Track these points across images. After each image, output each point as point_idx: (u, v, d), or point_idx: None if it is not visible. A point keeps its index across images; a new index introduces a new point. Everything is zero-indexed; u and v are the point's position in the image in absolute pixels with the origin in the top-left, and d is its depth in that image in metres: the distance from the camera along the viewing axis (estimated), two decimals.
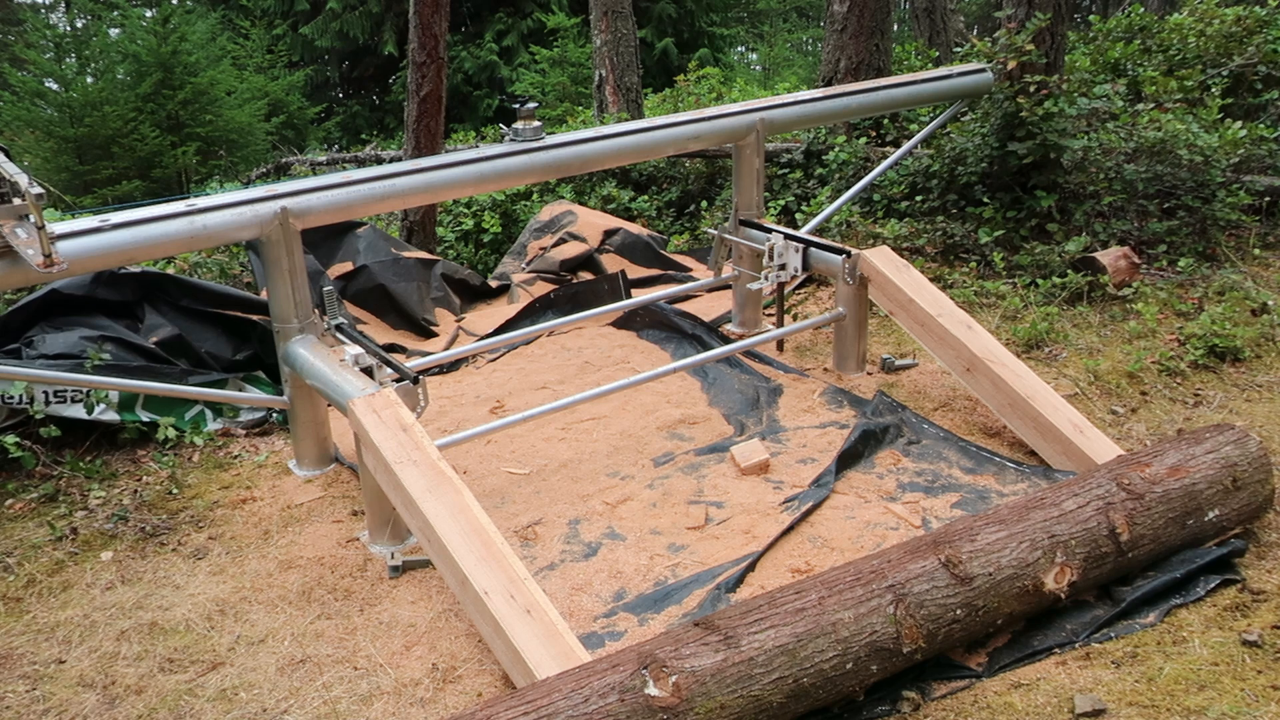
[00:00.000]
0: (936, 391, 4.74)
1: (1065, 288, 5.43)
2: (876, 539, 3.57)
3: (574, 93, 14.76)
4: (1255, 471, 3.43)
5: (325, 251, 6.34)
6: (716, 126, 5.04)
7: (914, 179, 6.61)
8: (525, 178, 4.67)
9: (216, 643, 3.31)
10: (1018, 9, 6.08)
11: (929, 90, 5.86)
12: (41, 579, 3.71)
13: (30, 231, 3.33)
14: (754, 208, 5.26)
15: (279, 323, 4.12)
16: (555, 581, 3.48)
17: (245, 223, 3.92)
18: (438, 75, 7.25)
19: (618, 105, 9.75)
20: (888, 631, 2.76)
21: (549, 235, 7.07)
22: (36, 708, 3.05)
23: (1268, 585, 3.19)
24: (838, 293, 4.87)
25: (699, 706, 2.47)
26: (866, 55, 7.51)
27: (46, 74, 12.94)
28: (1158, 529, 3.21)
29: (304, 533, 3.92)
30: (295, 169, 11.53)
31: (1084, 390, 4.59)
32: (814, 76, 11.59)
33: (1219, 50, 7.48)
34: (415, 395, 3.72)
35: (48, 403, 4.37)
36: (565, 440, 4.50)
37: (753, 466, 4.07)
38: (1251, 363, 4.77)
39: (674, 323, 5.50)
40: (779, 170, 7.38)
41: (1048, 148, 5.89)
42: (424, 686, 3.05)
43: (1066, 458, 3.90)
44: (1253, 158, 6.21)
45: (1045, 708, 2.75)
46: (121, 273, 4.91)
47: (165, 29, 12.96)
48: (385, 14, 17.75)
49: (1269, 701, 2.67)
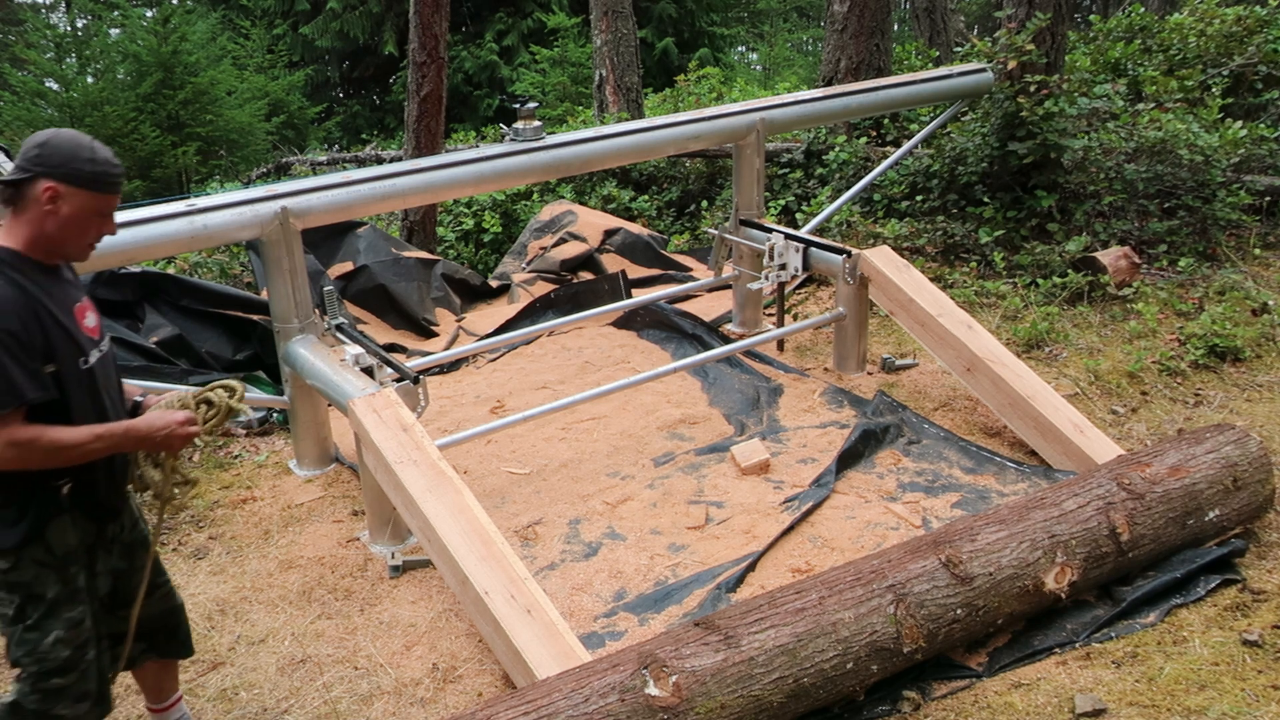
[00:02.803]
0: (937, 391, 4.73)
1: (1065, 288, 5.42)
2: (877, 539, 3.57)
3: (574, 93, 14.76)
4: (1255, 471, 3.43)
5: (325, 251, 6.34)
6: (717, 126, 5.04)
7: (914, 179, 6.61)
8: (525, 178, 4.67)
9: (217, 642, 3.31)
10: (1018, 9, 6.08)
11: (929, 90, 5.86)
12: None
13: None
14: (754, 207, 5.26)
15: (279, 323, 4.12)
16: (555, 581, 3.48)
17: (245, 223, 3.92)
18: (438, 75, 7.25)
19: (618, 105, 9.75)
20: (888, 631, 2.76)
21: (549, 235, 7.07)
22: None
23: (1268, 585, 3.19)
24: (838, 293, 4.87)
25: (699, 706, 2.47)
26: (867, 55, 7.51)
27: (47, 74, 12.95)
28: (1158, 529, 3.21)
29: (304, 532, 3.92)
30: (295, 169, 11.53)
31: (1084, 390, 4.59)
32: (814, 76, 11.58)
33: (1219, 50, 7.48)
34: (415, 395, 3.72)
35: None
36: (565, 440, 4.50)
37: (753, 466, 4.07)
38: (1252, 362, 4.77)
39: (674, 323, 5.50)
40: (779, 170, 7.38)
41: (1048, 147, 5.89)
42: (424, 686, 3.05)
43: (1067, 457, 3.89)
44: (1253, 157, 6.21)
45: (1045, 708, 2.75)
46: (121, 272, 4.91)
47: (165, 29, 12.96)
48: (385, 14, 17.74)
49: (1269, 701, 2.67)
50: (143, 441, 2.28)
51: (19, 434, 2.09)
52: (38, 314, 2.14)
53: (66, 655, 2.30)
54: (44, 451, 2.13)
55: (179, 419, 2.31)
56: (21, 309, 2.11)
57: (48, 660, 2.29)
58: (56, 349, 2.17)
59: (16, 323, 2.09)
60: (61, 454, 2.16)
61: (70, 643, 2.31)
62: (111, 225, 2.27)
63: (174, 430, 2.29)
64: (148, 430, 2.27)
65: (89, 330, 2.30)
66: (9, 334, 2.07)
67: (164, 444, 2.30)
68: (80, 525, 2.32)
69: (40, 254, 2.21)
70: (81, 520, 2.32)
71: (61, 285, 2.26)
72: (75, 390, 2.21)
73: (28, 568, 2.24)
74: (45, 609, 2.27)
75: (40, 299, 2.16)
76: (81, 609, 2.33)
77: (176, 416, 2.31)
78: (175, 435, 2.29)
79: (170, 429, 2.29)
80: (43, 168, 2.13)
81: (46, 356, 2.15)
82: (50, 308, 2.18)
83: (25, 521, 2.21)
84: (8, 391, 2.06)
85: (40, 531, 2.23)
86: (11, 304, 2.10)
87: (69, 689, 2.32)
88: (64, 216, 2.17)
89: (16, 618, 2.27)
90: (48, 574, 2.26)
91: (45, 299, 2.18)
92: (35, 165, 2.14)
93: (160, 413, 2.35)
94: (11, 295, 2.11)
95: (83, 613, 2.33)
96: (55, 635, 2.29)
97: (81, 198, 2.17)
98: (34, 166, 2.14)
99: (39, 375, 2.12)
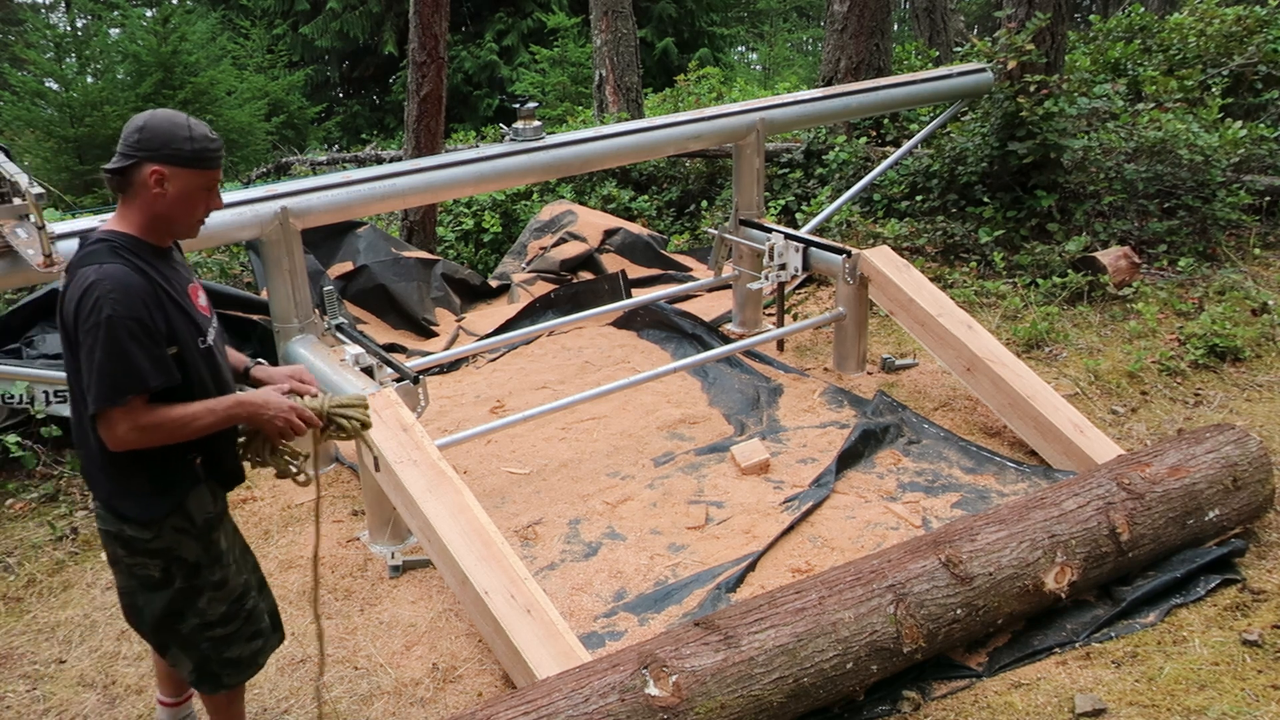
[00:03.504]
0: (937, 391, 4.73)
1: (1065, 287, 5.42)
2: (877, 539, 3.57)
3: (574, 93, 14.75)
4: (1255, 471, 3.43)
5: (325, 251, 6.34)
6: (716, 126, 5.04)
7: (914, 179, 6.61)
8: (525, 178, 4.67)
9: None
10: (1018, 9, 6.08)
11: (929, 90, 5.86)
12: (42, 579, 3.71)
13: (30, 231, 3.33)
14: (754, 207, 5.26)
15: (279, 322, 4.12)
16: (555, 581, 3.48)
17: (245, 222, 3.92)
18: (438, 75, 7.25)
19: (618, 105, 9.75)
20: (888, 631, 2.76)
21: (549, 235, 7.07)
22: (37, 707, 3.05)
23: (1268, 585, 3.19)
24: (838, 292, 4.87)
25: (699, 706, 2.47)
26: (866, 55, 7.51)
27: (47, 74, 12.93)
28: (1158, 529, 3.21)
29: (304, 532, 3.92)
30: (295, 169, 11.52)
31: (1084, 390, 4.59)
32: (814, 76, 11.58)
33: (1219, 50, 7.48)
34: (415, 395, 3.72)
35: (48, 402, 4.37)
36: (565, 440, 4.50)
37: (753, 466, 4.07)
38: (1252, 362, 4.77)
39: (674, 322, 5.50)
40: (779, 170, 7.38)
41: (1048, 147, 5.89)
42: (424, 686, 3.05)
43: (1067, 457, 3.89)
44: (1253, 157, 6.21)
45: (1045, 707, 2.75)
46: None
47: (165, 29, 12.95)
48: (385, 14, 17.74)
49: (1269, 701, 2.67)
50: (249, 417, 2.32)
51: (143, 418, 2.16)
52: (160, 299, 2.20)
53: (223, 610, 2.44)
54: (166, 432, 2.20)
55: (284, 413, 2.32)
56: (147, 295, 2.17)
57: (205, 616, 2.41)
58: (178, 331, 2.24)
59: (143, 309, 2.14)
60: (181, 431, 2.22)
61: (224, 599, 2.44)
62: (218, 199, 2.34)
63: (277, 418, 2.31)
64: (254, 408, 2.31)
65: (203, 309, 2.38)
66: (136, 321, 2.13)
67: (265, 425, 2.34)
68: (216, 494, 2.45)
69: (155, 237, 2.28)
70: (217, 489, 2.45)
71: (174, 267, 2.34)
72: (196, 369, 2.29)
73: (166, 536, 2.33)
74: (188, 572, 2.37)
75: (160, 283, 2.23)
76: (225, 571, 2.44)
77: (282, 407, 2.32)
78: (276, 422, 2.32)
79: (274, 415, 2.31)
80: (145, 152, 2.19)
81: (170, 339, 2.22)
82: (170, 291, 2.25)
83: (167, 494, 2.31)
84: (133, 378, 2.12)
85: (181, 503, 2.33)
86: (138, 291, 2.15)
87: (237, 634, 2.48)
88: (172, 197, 2.22)
89: (163, 582, 2.37)
90: (187, 540, 2.36)
91: (164, 283, 2.24)
92: (138, 150, 2.19)
93: (270, 394, 2.37)
94: (138, 282, 2.16)
95: (227, 574, 2.44)
96: (207, 595, 2.41)
97: (186, 176, 2.22)
98: (137, 151, 2.19)
99: (163, 360, 2.18)
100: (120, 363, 2.10)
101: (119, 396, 2.11)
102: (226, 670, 2.50)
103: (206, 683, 2.50)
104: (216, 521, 2.43)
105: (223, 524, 2.47)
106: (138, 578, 2.37)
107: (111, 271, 2.14)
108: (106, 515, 2.32)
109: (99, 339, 2.10)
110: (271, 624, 2.62)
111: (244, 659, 2.52)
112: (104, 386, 2.11)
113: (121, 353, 2.10)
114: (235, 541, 2.54)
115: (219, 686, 2.51)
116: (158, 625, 2.41)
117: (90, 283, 2.12)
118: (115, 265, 2.15)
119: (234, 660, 2.50)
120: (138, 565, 2.35)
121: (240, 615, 2.48)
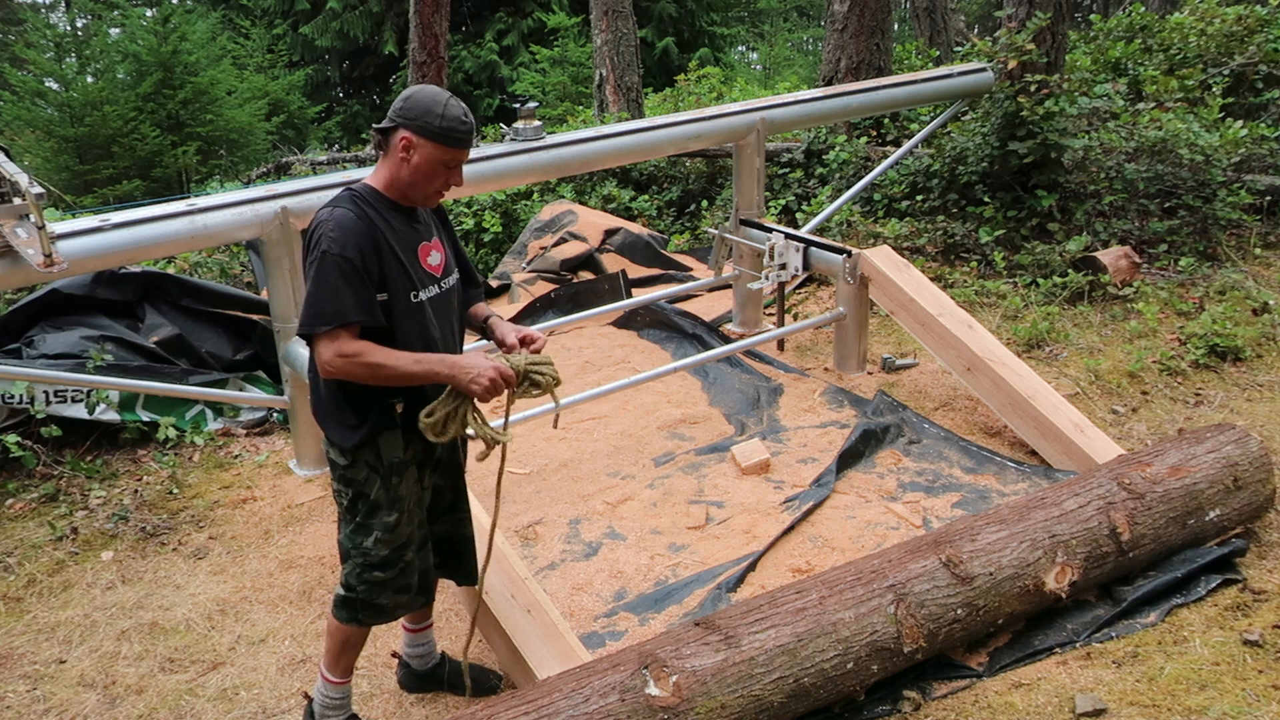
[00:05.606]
0: (937, 391, 4.73)
1: (1066, 287, 5.42)
2: (877, 539, 3.57)
3: (574, 92, 14.76)
4: (1256, 471, 3.43)
5: None
6: (717, 126, 5.04)
7: (914, 178, 6.60)
8: (525, 177, 4.67)
9: (217, 642, 3.31)
10: (1018, 8, 6.07)
11: (929, 90, 5.85)
12: (42, 579, 3.71)
13: (30, 231, 3.33)
14: (754, 207, 5.26)
15: (279, 322, 4.12)
16: (556, 581, 3.48)
17: (246, 222, 3.92)
18: (438, 75, 7.25)
19: (618, 105, 9.75)
20: (888, 631, 2.76)
21: (549, 235, 7.07)
22: (37, 707, 3.05)
23: (1269, 585, 3.19)
24: (838, 292, 4.87)
25: (699, 706, 2.47)
26: (867, 55, 7.51)
27: (47, 74, 12.94)
28: (1158, 528, 3.21)
29: (304, 532, 3.92)
30: (296, 169, 11.51)
31: (1085, 390, 4.58)
32: (814, 76, 11.58)
33: (1220, 49, 7.47)
34: None
35: (48, 402, 4.37)
36: (565, 440, 4.50)
37: (753, 466, 4.07)
38: (1252, 362, 4.77)
39: (674, 322, 5.50)
40: (779, 170, 7.38)
41: (1048, 147, 5.89)
42: None
43: (1067, 457, 3.89)
44: (1254, 157, 6.21)
45: (1046, 707, 2.75)
46: (122, 272, 4.90)
47: (165, 29, 12.96)
48: (385, 14, 17.74)
49: (1270, 701, 2.67)
50: (453, 378, 2.39)
51: (346, 346, 2.33)
52: (378, 245, 2.37)
53: (385, 554, 2.55)
54: (366, 366, 2.34)
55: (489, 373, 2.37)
56: (363, 239, 2.35)
57: (370, 555, 2.55)
58: (390, 279, 2.40)
59: (355, 251, 2.33)
60: (382, 371, 2.35)
61: (389, 544, 2.55)
62: (459, 177, 2.49)
63: (482, 376, 2.38)
64: (461, 369, 2.39)
65: (431, 268, 2.52)
66: (346, 260, 2.32)
67: (465, 387, 2.39)
68: (411, 442, 2.53)
69: (395, 195, 2.46)
70: (413, 438, 2.52)
71: (411, 225, 2.49)
72: (403, 319, 2.42)
73: (360, 468, 2.50)
74: (369, 508, 2.52)
75: (383, 232, 2.39)
76: (398, 515, 2.54)
77: (486, 368, 2.38)
78: (476, 382, 2.38)
79: (478, 375, 2.38)
80: (402, 119, 2.39)
81: (380, 285, 2.38)
82: (391, 242, 2.40)
83: (363, 428, 2.46)
84: (336, 310, 2.32)
85: (374, 439, 2.48)
86: (353, 233, 2.34)
87: (389, 582, 2.58)
88: (415, 164, 2.41)
89: (350, 511, 2.56)
90: (374, 478, 2.50)
91: (389, 233, 2.41)
92: (398, 117, 2.40)
93: (475, 358, 2.43)
94: (356, 225, 2.35)
95: (399, 519, 2.55)
96: (375, 535, 2.54)
97: (430, 149, 2.39)
98: (397, 118, 2.40)
99: (368, 301, 2.35)
100: (327, 293, 2.32)
101: (320, 324, 2.32)
102: (366, 611, 2.61)
103: (344, 610, 2.62)
104: (402, 468, 2.52)
105: (408, 473, 2.55)
106: (339, 504, 2.58)
107: (338, 215, 2.36)
108: (323, 434, 2.55)
109: (314, 270, 2.33)
110: (420, 584, 2.67)
111: (386, 607, 2.62)
112: (310, 312, 2.34)
113: (330, 285, 2.31)
114: (414, 493, 2.59)
115: (353, 619, 2.62)
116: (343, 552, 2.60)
117: (320, 221, 2.37)
118: (344, 210, 2.37)
119: (377, 606, 2.60)
120: (340, 491, 2.55)
121: (399, 564, 2.57)
